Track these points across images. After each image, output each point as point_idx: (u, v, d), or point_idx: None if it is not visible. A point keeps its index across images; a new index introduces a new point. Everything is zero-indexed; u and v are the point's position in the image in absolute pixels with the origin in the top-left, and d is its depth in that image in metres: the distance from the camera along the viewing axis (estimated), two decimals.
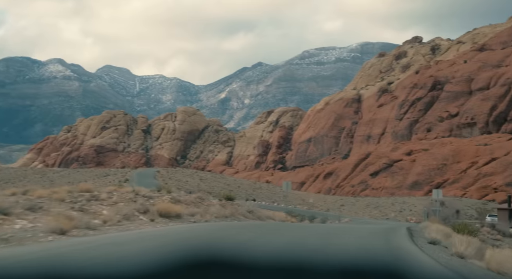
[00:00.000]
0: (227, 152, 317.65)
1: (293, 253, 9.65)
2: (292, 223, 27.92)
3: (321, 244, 11.72)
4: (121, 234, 10.61)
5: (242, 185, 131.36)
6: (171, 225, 13.70)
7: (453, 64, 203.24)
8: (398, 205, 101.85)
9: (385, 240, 12.95)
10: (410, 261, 10.49)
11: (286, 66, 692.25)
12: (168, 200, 17.61)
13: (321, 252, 10.34)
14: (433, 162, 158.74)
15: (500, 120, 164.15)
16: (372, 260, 10.03)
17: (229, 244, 10.56)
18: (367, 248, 11.11)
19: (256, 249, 9.78)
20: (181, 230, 12.25)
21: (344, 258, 9.87)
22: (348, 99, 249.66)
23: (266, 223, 19.65)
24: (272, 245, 10.62)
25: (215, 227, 13.94)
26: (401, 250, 12.12)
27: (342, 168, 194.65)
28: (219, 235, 12.18)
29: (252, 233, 13.17)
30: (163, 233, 11.41)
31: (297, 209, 78.12)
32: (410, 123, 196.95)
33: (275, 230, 15.64)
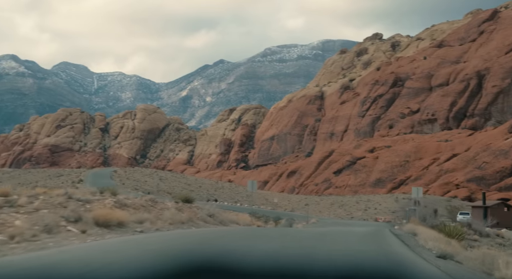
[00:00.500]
0: (188, 150, 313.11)
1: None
2: (259, 228, 25.36)
3: (308, 263, 9.10)
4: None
5: (203, 184, 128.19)
6: (108, 237, 10.74)
7: (413, 61, 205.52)
8: (363, 204, 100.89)
9: (385, 255, 10.43)
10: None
11: (248, 63, 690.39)
12: (111, 204, 14.59)
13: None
14: (395, 159, 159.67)
15: (460, 116, 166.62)
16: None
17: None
18: (366, 264, 8.58)
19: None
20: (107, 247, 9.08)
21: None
22: (311, 96, 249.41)
23: (230, 230, 17.05)
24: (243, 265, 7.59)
25: (165, 238, 11.19)
26: (413, 268, 9.50)
27: (306, 166, 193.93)
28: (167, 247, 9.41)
29: (212, 248, 10.45)
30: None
31: (261, 210, 75.71)
32: (372, 120, 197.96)
33: (244, 239, 12.92)
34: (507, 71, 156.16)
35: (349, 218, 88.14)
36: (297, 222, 52.51)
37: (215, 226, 19.71)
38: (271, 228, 24.84)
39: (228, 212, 64.73)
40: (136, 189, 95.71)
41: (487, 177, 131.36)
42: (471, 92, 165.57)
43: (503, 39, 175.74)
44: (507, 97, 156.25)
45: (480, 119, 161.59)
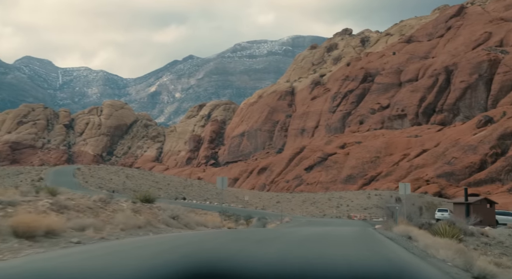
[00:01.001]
0: (156, 147, 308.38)
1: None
2: (231, 230, 23.25)
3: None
4: None
5: (172, 182, 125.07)
6: (23, 255, 8.15)
7: (382, 56, 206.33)
8: (335, 201, 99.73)
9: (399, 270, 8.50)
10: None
11: (218, 59, 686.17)
12: (46, 207, 12.06)
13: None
14: (366, 155, 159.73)
15: (429, 111, 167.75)
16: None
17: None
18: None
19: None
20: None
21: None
22: (282, 92, 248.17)
23: (195, 235, 14.78)
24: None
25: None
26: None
27: (277, 162, 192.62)
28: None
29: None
30: None
31: (231, 208, 73.44)
32: (343, 116, 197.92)
33: (210, 252, 10.55)
34: (475, 67, 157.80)
35: (321, 216, 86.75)
36: (270, 221, 50.44)
37: (179, 230, 17.41)
38: (246, 230, 22.70)
39: (197, 211, 62.24)
40: (100, 187, 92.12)
41: (457, 172, 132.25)
42: (439, 88, 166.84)
43: (470, 35, 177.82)
44: (475, 93, 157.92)
45: (448, 115, 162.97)
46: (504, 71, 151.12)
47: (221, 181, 34.20)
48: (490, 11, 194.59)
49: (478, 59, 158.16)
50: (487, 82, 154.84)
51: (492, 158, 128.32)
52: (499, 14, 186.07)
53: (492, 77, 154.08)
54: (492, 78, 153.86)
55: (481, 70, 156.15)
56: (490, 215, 42.37)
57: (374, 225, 44.04)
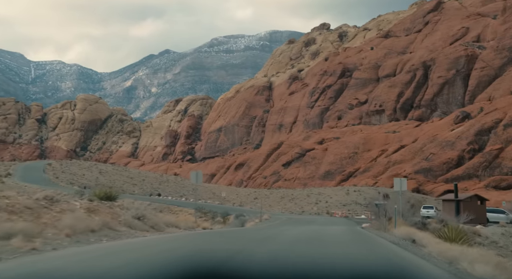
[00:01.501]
0: (132, 143, 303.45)
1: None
2: (204, 231, 20.78)
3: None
4: None
5: (147, 178, 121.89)
6: None
7: (360, 51, 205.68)
8: (314, 197, 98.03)
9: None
10: None
11: (194, 54, 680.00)
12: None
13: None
14: (344, 151, 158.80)
15: (407, 107, 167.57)
16: None
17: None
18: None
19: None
20: None
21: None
22: (259, 87, 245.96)
23: (158, 242, 12.34)
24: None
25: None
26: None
27: (254, 158, 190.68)
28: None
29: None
30: None
31: (207, 204, 70.99)
32: (321, 111, 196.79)
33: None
34: (452, 62, 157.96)
35: (300, 212, 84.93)
36: (248, 219, 48.16)
37: (144, 233, 14.93)
38: (223, 232, 20.02)
39: (172, 208, 59.66)
40: (71, 183, 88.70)
41: (434, 168, 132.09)
42: (417, 83, 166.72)
43: (447, 30, 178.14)
44: (452, 88, 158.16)
45: (426, 110, 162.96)
46: (481, 67, 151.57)
47: (195, 175, 31.53)
48: (468, 6, 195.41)
49: (455, 54, 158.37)
50: (465, 78, 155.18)
51: (469, 153, 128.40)
52: (476, 9, 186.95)
53: (469, 72, 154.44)
54: (470, 73, 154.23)
55: (458, 66, 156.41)
56: (481, 213, 40.57)
57: (359, 223, 41.99)
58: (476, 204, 44.25)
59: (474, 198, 46.75)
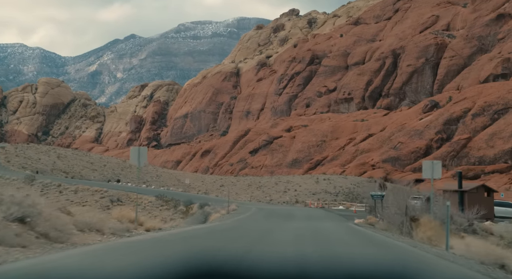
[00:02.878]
0: (96, 128, 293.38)
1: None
2: (142, 238, 14.06)
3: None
4: None
5: (109, 163, 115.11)
6: None
7: (329, 38, 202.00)
8: (282, 185, 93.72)
9: None
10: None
11: (161, 39, 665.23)
12: None
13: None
14: (312, 139, 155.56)
15: (376, 95, 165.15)
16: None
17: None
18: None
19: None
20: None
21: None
22: (227, 73, 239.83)
23: None
24: None
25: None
26: None
27: (221, 145, 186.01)
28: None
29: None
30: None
31: (170, 192, 65.49)
32: (289, 99, 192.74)
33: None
34: (422, 51, 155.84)
35: (268, 201, 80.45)
36: (213, 209, 42.96)
37: (23, 250, 9.26)
38: (170, 240, 13.10)
39: (130, 195, 54.17)
40: (23, 168, 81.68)
41: (402, 157, 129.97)
42: (386, 72, 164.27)
43: (417, 18, 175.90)
44: (421, 77, 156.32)
45: (395, 99, 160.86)
46: (451, 56, 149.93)
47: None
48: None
49: (425, 43, 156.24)
50: (434, 67, 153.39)
51: (437, 143, 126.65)
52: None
53: (438, 61, 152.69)
54: (439, 62, 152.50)
55: (428, 54, 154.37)
56: (488, 206, 35.26)
57: (346, 217, 37.05)
58: (483, 195, 38.92)
59: (480, 188, 41.31)
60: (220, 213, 33.82)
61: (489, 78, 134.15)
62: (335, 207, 65.93)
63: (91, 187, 54.67)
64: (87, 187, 54.24)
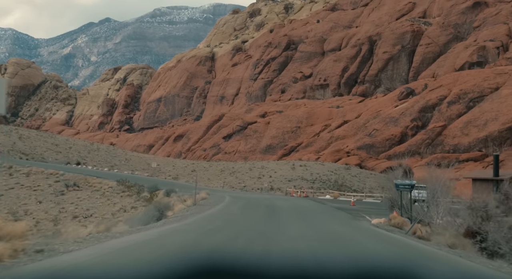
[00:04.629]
0: (67, 110, 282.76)
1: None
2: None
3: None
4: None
5: (75, 145, 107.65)
6: None
7: (306, 24, 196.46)
8: (256, 171, 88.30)
9: None
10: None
11: (136, 24, 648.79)
12: None
13: None
14: (287, 125, 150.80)
15: (351, 82, 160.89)
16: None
17: None
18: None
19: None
20: None
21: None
22: (201, 57, 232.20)
23: None
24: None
25: None
26: None
27: (194, 130, 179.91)
28: None
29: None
30: None
31: (135, 176, 59.32)
32: (264, 84, 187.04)
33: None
34: (398, 38, 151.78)
35: (242, 187, 75.07)
36: (178, 199, 37.05)
37: None
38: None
39: (89, 180, 47.98)
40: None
41: (377, 145, 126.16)
42: (362, 58, 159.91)
43: (394, 5, 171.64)
44: (397, 64, 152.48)
45: (370, 86, 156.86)
46: (427, 43, 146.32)
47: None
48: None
49: (401, 30, 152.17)
50: (410, 54, 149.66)
51: (412, 130, 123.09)
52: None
53: (414, 49, 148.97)
54: (415, 50, 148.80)
55: (404, 42, 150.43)
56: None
57: (343, 210, 31.01)
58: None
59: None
60: (185, 204, 27.67)
61: (465, 66, 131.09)
62: (321, 197, 59.89)
63: (46, 170, 48.17)
64: (41, 170, 47.78)
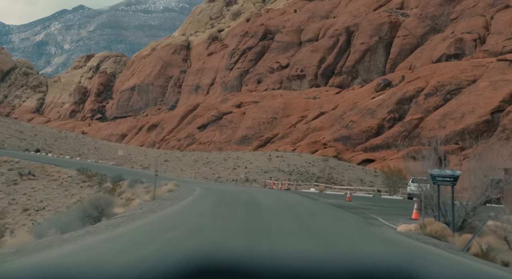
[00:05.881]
0: (38, 98, 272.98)
1: None
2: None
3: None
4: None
5: (41, 133, 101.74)
6: None
7: (283, 14, 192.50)
8: (231, 161, 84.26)
9: None
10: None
11: (111, 12, 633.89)
12: None
13: None
14: (263, 115, 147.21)
15: (328, 73, 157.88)
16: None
17: None
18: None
19: None
20: None
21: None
22: (177, 45, 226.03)
23: None
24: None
25: None
26: None
27: (168, 120, 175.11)
28: None
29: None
30: None
31: (99, 165, 54.66)
32: (240, 74, 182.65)
33: None
34: (375, 29, 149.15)
35: (216, 178, 71.05)
36: (147, 188, 32.99)
37: None
38: None
39: (47, 168, 43.28)
40: None
41: (354, 137, 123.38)
42: (340, 49, 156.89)
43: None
44: (374, 56, 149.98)
45: (347, 77, 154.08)
46: (404, 35, 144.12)
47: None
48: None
49: (379, 21, 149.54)
50: (387, 46, 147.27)
51: (389, 122, 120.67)
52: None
53: (391, 40, 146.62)
54: (392, 41, 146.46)
55: (381, 33, 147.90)
56: None
57: (342, 208, 26.16)
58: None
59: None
60: (143, 199, 22.83)
61: (442, 58, 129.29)
62: (305, 189, 54.85)
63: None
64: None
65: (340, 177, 74.06)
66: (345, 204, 31.01)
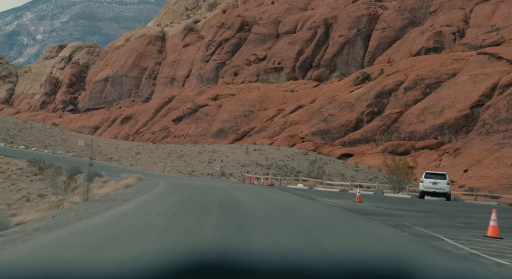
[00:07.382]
0: (7, 88, 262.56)
1: None
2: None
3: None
4: None
5: (4, 123, 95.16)
6: None
7: (260, 5, 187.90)
8: (207, 155, 79.66)
9: None
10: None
11: (85, 2, 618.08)
12: None
13: None
14: (239, 108, 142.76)
15: (306, 66, 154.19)
16: None
17: None
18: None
19: None
20: None
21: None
22: (151, 36, 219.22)
23: None
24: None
25: None
26: None
27: (142, 112, 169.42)
28: None
29: None
30: None
31: (55, 156, 49.41)
32: (216, 66, 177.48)
33: None
34: (354, 21, 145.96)
35: (190, 172, 66.40)
36: (107, 182, 28.45)
37: None
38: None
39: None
40: None
41: (332, 131, 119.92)
42: (318, 42, 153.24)
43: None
44: (352, 49, 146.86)
45: (325, 71, 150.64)
46: (383, 28, 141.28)
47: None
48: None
49: (358, 13, 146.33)
50: (365, 38, 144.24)
51: (368, 116, 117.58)
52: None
53: (370, 33, 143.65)
54: (371, 34, 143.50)
55: (360, 25, 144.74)
56: None
57: (351, 211, 20.25)
58: None
59: None
60: (70, 200, 16.69)
61: (421, 52, 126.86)
62: (292, 185, 49.79)
63: None
64: None
65: (320, 171, 70.15)
66: (358, 206, 22.88)
